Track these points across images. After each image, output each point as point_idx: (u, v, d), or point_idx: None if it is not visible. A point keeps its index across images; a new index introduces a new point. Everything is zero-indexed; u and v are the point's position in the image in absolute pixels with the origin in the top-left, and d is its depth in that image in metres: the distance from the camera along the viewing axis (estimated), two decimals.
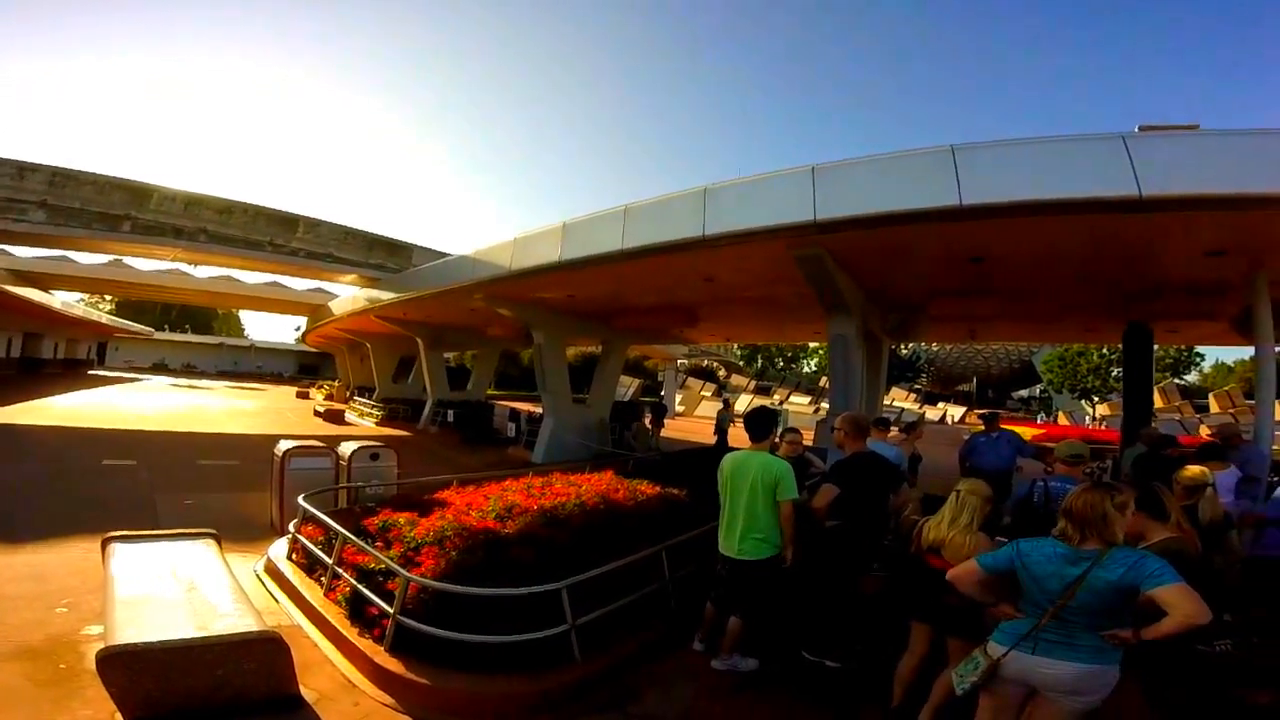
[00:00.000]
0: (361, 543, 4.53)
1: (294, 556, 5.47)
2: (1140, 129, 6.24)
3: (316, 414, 23.08)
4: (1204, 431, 20.04)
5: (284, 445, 7.38)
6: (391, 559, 4.15)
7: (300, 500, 5.63)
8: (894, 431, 6.87)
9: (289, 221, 17.24)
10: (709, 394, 42.99)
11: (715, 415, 17.30)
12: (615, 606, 4.15)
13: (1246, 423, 16.00)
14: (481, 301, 13.39)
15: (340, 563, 4.62)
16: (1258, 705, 3.10)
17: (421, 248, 19.20)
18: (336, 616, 4.34)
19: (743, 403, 35.68)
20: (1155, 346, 12.65)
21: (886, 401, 33.64)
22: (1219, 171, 5.39)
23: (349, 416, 23.46)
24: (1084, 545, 2.30)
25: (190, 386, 36.33)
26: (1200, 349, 46.77)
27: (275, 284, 32.10)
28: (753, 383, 50.93)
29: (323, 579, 4.81)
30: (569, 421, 14.94)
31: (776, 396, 46.00)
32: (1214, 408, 33.05)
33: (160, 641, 3.02)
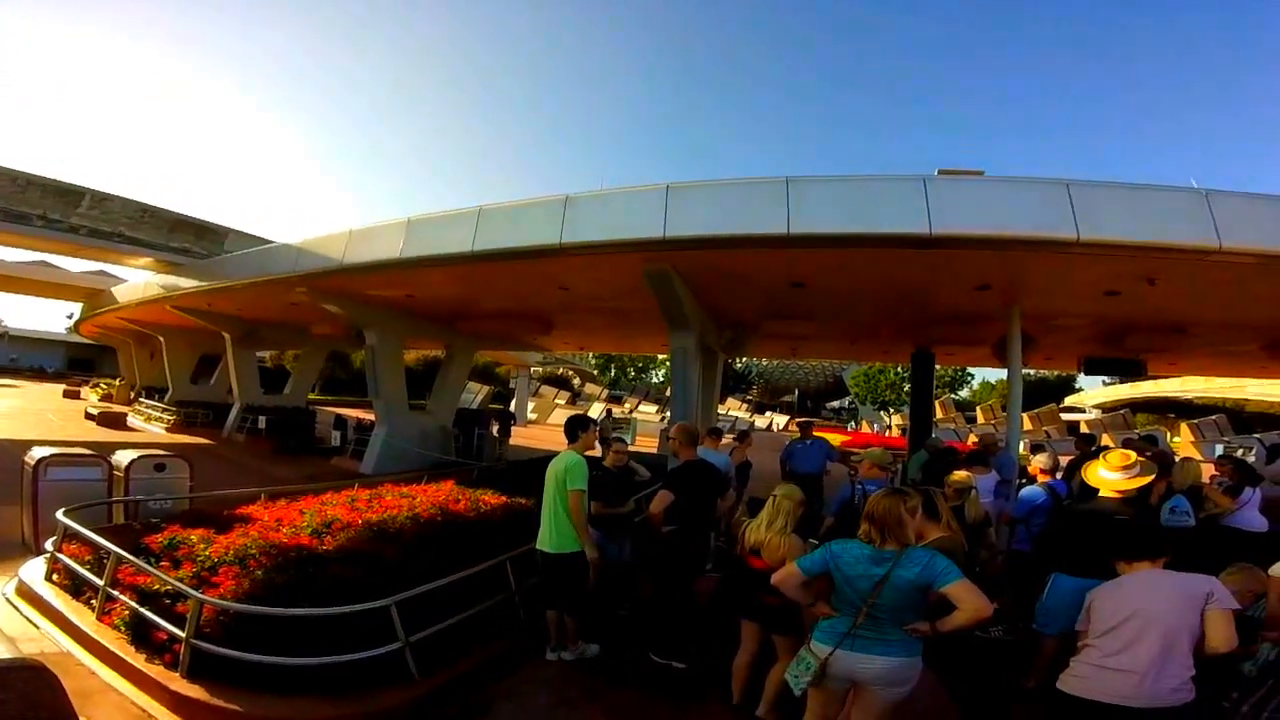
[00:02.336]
0: (140, 562, 3.97)
1: (55, 578, 4.72)
2: (939, 173, 7.13)
3: (89, 417, 19.73)
4: (972, 439, 23.94)
5: (38, 452, 6.26)
6: (181, 580, 3.68)
7: (59, 515, 4.82)
8: (728, 439, 7.34)
9: (70, 194, 14.50)
10: (563, 402, 42.78)
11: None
12: (455, 621, 3.96)
13: (1004, 432, 19.32)
14: (305, 295, 12.11)
15: (115, 584, 4.03)
16: (1027, 689, 3.75)
17: (239, 232, 17.05)
18: (116, 642, 3.79)
19: (596, 410, 35.82)
20: (936, 366, 14.88)
21: (722, 410, 35.86)
22: (992, 214, 6.33)
23: (133, 421, 20.33)
24: (885, 546, 2.47)
25: None
26: (971, 369, 55.86)
27: (43, 264, 27.09)
28: (606, 391, 51.56)
29: (94, 602, 4.16)
30: (405, 430, 14.05)
31: (627, 405, 46.93)
32: (980, 419, 39.61)
33: None
